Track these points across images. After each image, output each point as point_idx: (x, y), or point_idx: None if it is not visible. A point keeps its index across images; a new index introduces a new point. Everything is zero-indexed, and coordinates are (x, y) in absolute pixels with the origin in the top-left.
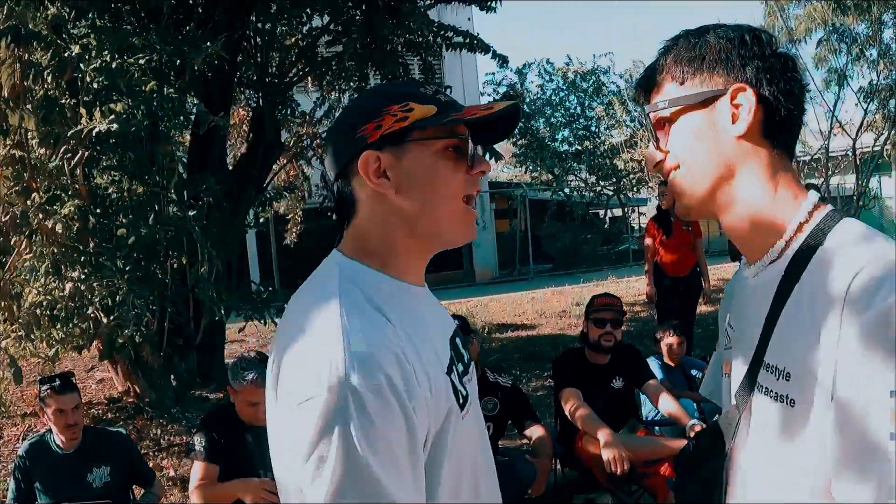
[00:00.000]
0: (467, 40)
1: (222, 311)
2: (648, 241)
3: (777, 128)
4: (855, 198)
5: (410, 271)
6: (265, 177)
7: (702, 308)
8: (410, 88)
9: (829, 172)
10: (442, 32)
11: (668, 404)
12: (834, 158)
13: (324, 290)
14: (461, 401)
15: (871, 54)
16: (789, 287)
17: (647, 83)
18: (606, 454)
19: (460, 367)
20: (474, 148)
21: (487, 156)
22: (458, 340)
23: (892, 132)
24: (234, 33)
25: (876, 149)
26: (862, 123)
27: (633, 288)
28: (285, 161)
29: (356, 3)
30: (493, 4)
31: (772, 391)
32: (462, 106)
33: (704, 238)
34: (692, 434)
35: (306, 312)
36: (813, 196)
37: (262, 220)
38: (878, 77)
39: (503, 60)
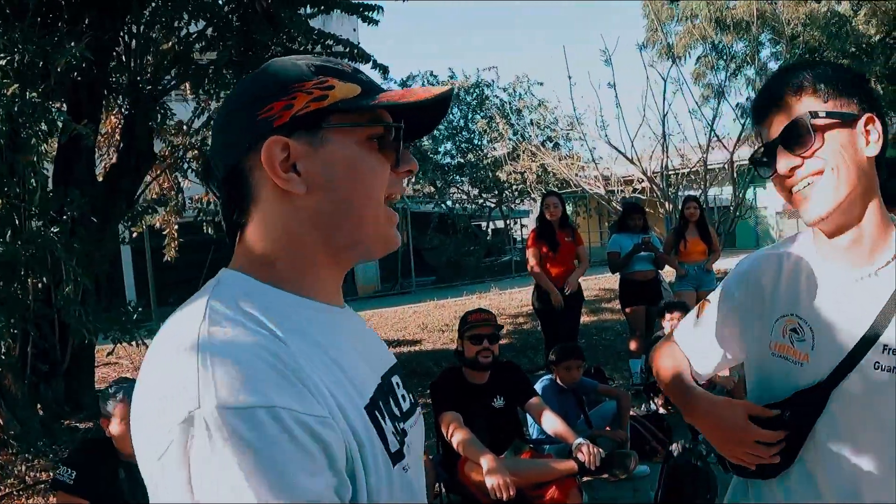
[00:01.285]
0: (347, 49)
1: (90, 334)
2: (532, 257)
3: (880, 158)
4: (732, 209)
5: (321, 289)
6: (137, 189)
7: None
8: (328, 63)
9: (708, 184)
10: (321, 41)
11: (552, 423)
12: (712, 171)
13: (189, 310)
14: (391, 449)
15: (748, 72)
16: None
17: (790, 91)
18: (490, 481)
19: (396, 411)
20: (402, 142)
21: None
22: (395, 380)
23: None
24: (104, 35)
25: None
26: (739, 138)
27: (516, 299)
28: (159, 172)
29: (233, 8)
30: (375, 16)
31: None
32: (388, 90)
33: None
34: (578, 454)
35: (164, 337)
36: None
37: (135, 234)
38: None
39: (384, 70)
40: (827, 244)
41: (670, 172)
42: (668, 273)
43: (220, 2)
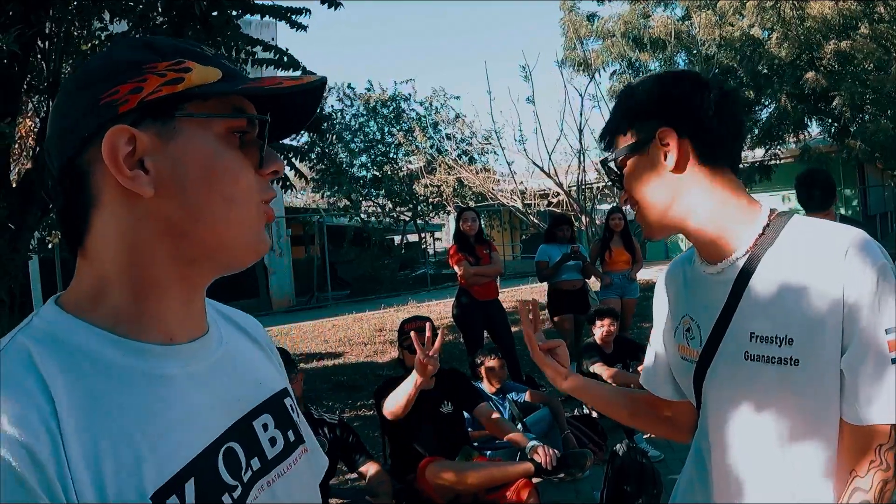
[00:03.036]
0: (276, 55)
1: None
2: (459, 265)
3: (713, 151)
4: None
5: (164, 320)
6: None
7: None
8: (184, 44)
9: (622, 198)
10: (248, 47)
11: (502, 427)
12: None
13: None
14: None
15: None
16: (774, 270)
17: (609, 141)
18: (419, 370)
19: (254, 462)
20: (266, 138)
21: (288, 171)
22: (263, 421)
23: None
24: (28, 30)
25: None
26: None
27: (434, 312)
28: None
29: (165, 9)
30: (304, 22)
31: (773, 357)
32: (252, 78)
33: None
34: (534, 455)
35: None
36: (766, 204)
37: (49, 245)
38: None
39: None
40: (697, 249)
41: (586, 186)
42: (593, 283)
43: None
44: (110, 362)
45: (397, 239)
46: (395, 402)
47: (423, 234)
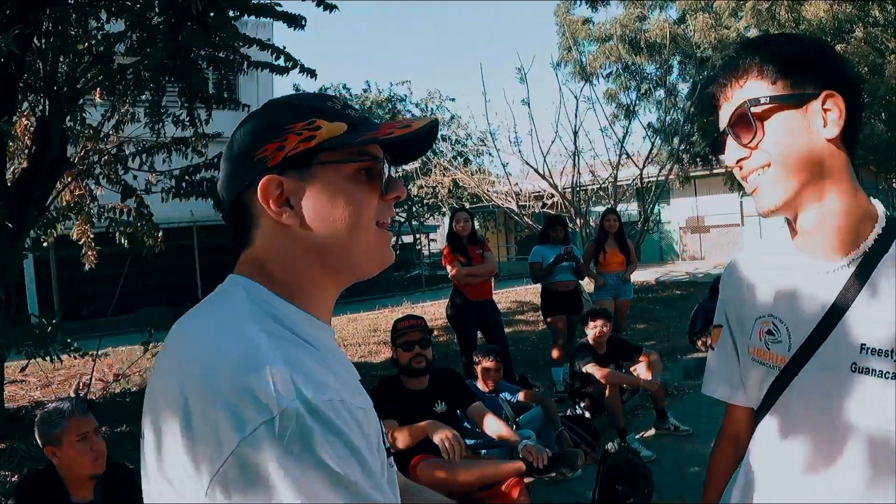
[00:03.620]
0: (274, 54)
1: (2, 348)
2: (451, 266)
3: (851, 137)
4: (640, 223)
5: (321, 307)
6: (49, 196)
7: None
8: (316, 102)
9: (617, 200)
10: (247, 47)
11: (495, 426)
12: (621, 187)
13: (231, 311)
14: (387, 453)
15: (658, 94)
16: (886, 281)
17: (732, 75)
18: (437, 438)
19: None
20: (388, 169)
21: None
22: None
23: (674, 165)
24: (27, 29)
25: (660, 179)
26: (649, 156)
27: (429, 312)
28: (70, 179)
29: (163, 10)
30: (302, 22)
31: (886, 372)
32: (375, 123)
33: (496, 262)
34: (526, 454)
35: (209, 338)
36: (880, 205)
37: (45, 244)
38: (666, 116)
39: (312, 74)
40: (798, 235)
41: (580, 188)
42: (587, 284)
43: (147, 3)
44: (308, 328)
45: (392, 240)
46: (401, 443)
47: (417, 236)
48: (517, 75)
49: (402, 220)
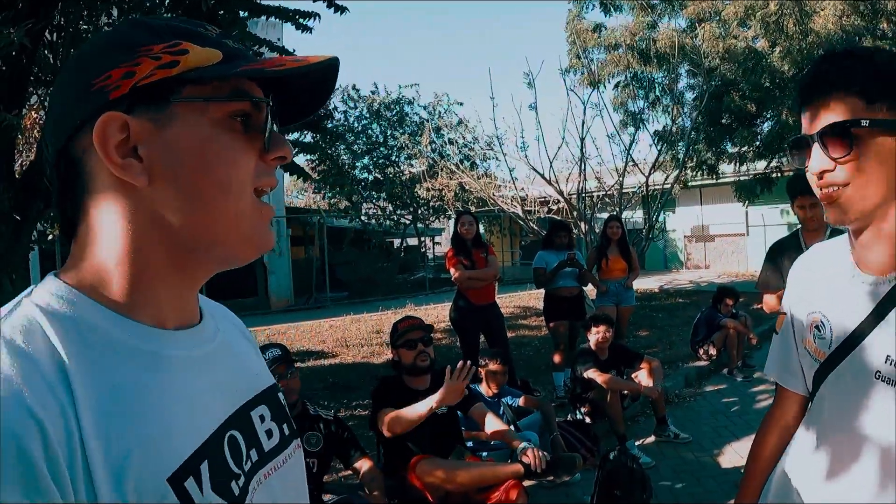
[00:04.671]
0: (281, 55)
1: None
2: (455, 269)
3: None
4: (645, 231)
5: (160, 307)
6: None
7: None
8: (185, 24)
9: (622, 207)
10: (256, 46)
11: (497, 426)
12: (626, 194)
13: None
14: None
15: (666, 101)
16: None
17: (837, 84)
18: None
19: (252, 454)
20: (273, 121)
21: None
22: (259, 412)
23: (679, 172)
24: (39, 24)
25: (666, 186)
26: (655, 163)
27: (432, 315)
28: None
29: (172, 7)
30: (310, 24)
31: None
32: (256, 57)
33: (500, 267)
34: (524, 457)
35: None
36: None
37: (49, 237)
38: (672, 123)
39: None
40: (856, 245)
41: (586, 195)
42: (589, 290)
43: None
44: (117, 340)
45: (397, 242)
46: (401, 422)
47: (422, 239)
48: (525, 80)
49: (408, 222)
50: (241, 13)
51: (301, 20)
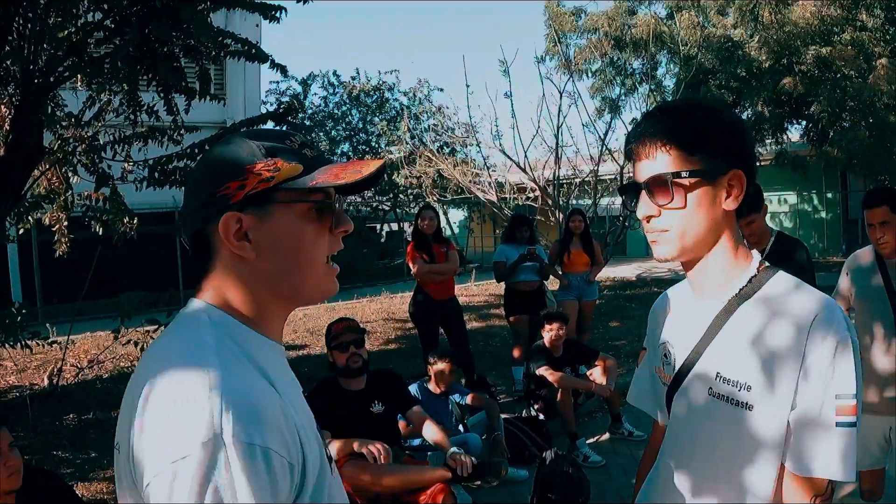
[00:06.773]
0: (245, 48)
1: None
2: (414, 263)
3: (742, 204)
4: (621, 219)
5: (273, 329)
6: (25, 184)
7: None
8: (277, 142)
9: (599, 195)
10: (220, 39)
11: (432, 432)
12: (603, 182)
13: (194, 337)
14: (329, 461)
15: (644, 89)
16: (749, 320)
17: (658, 139)
18: (364, 449)
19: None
20: (339, 205)
21: None
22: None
23: None
24: (2, 20)
25: None
26: None
27: (404, 304)
28: (47, 167)
29: (131, 2)
30: (279, 15)
31: (732, 399)
32: (329, 159)
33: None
34: (451, 461)
35: (173, 361)
36: (757, 255)
37: (21, 231)
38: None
39: (282, 70)
40: (689, 276)
41: (563, 182)
42: (551, 283)
43: None
44: (265, 352)
45: (378, 227)
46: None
47: (402, 224)
48: (500, 68)
49: (388, 208)
50: (203, 6)
51: (268, 12)
